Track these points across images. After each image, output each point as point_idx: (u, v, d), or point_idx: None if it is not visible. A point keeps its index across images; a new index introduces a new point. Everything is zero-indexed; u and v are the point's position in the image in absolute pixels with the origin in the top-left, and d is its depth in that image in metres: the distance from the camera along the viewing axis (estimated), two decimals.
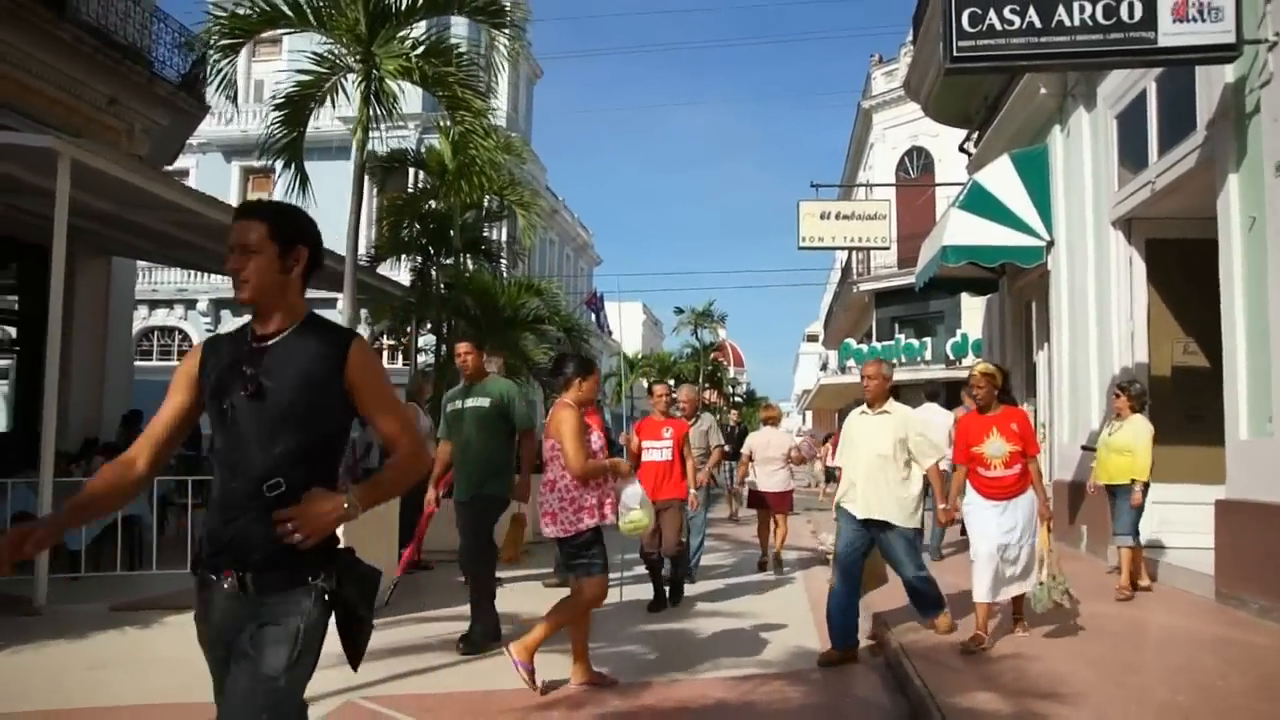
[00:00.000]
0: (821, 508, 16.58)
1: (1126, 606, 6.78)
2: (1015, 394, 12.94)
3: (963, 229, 10.64)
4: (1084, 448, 7.28)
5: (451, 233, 11.23)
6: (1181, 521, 8.05)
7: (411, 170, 13.11)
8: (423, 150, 13.05)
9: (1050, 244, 10.69)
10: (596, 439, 4.89)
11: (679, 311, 41.22)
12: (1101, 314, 9.38)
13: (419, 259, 11.81)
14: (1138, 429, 7.03)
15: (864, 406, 5.82)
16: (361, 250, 13.66)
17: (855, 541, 5.52)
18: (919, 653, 5.24)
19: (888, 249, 14.55)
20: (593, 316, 41.86)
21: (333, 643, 2.27)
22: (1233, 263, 6.73)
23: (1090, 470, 7.72)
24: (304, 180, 10.65)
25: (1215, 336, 7.31)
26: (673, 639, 6.26)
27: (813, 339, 63.85)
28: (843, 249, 21.71)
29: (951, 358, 26.11)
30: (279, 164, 10.50)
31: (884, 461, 5.44)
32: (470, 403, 6.12)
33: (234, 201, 29.13)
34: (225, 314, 30.42)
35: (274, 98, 10.69)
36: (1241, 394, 6.82)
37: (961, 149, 14.78)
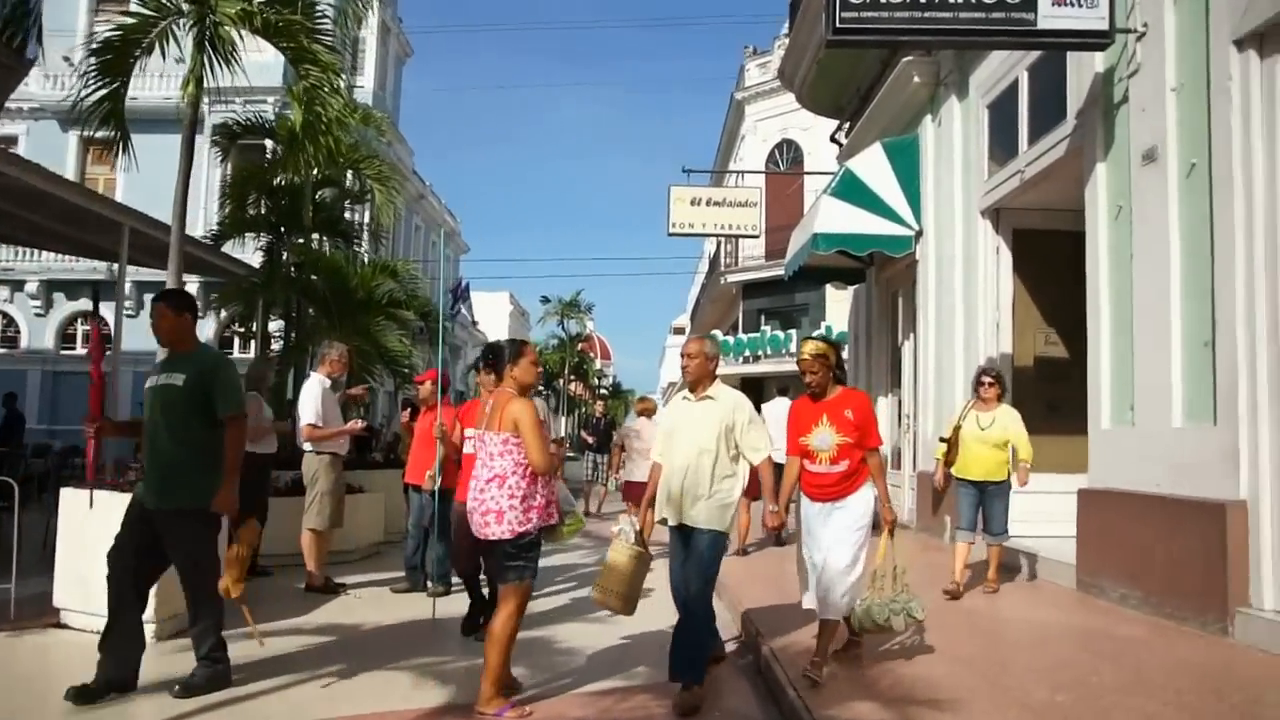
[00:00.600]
0: None
1: (993, 600, 6.68)
2: (879, 384, 13.11)
3: (834, 217, 10.50)
4: (942, 439, 7.14)
5: (303, 210, 10.30)
6: (1042, 512, 8.07)
7: (269, 145, 12.01)
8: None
9: (919, 234, 10.69)
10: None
11: (545, 301, 40.59)
12: (968, 304, 9.38)
13: (269, 238, 10.80)
14: (1013, 417, 6.85)
15: (685, 392, 4.92)
16: (203, 229, 12.54)
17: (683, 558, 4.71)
18: (790, 659, 4.89)
19: (757, 236, 14.40)
20: (458, 306, 40.67)
21: None
22: (1099, 250, 6.71)
23: (936, 462, 7.38)
24: (125, 140, 9.53)
25: (1076, 328, 7.32)
26: (528, 651, 5.73)
27: (679, 332, 64.27)
28: (712, 235, 21.52)
29: None
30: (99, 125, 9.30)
31: (704, 456, 4.57)
32: (161, 380, 4.56)
33: (70, 174, 26.86)
34: (58, 297, 27.81)
35: (90, 43, 9.51)
36: (1104, 383, 6.83)
37: (833, 139, 14.77)
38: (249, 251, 13.26)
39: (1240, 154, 5.30)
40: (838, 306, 27.39)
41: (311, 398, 7.33)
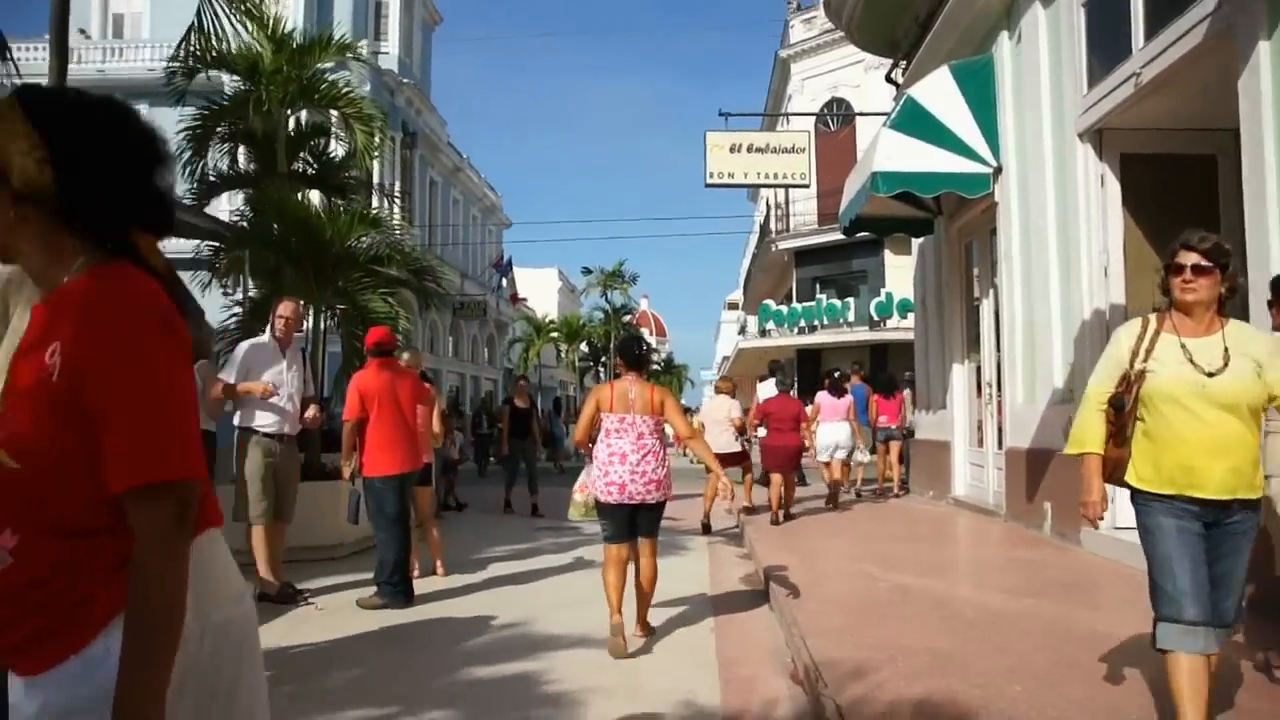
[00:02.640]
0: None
1: None
2: (953, 351, 11.53)
3: (895, 153, 8.94)
4: (1106, 402, 3.77)
5: (277, 154, 9.03)
6: None
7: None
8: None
9: (998, 171, 9.07)
10: None
11: (587, 272, 39.10)
12: (1066, 248, 7.78)
13: (245, 192, 9.62)
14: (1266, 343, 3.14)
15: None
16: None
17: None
18: None
19: (806, 186, 12.79)
20: (500, 280, 39.62)
21: None
22: (1263, 155, 5.08)
23: (1085, 458, 3.52)
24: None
25: None
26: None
27: (733, 307, 62.63)
28: (755, 186, 19.71)
29: (876, 318, 24.78)
30: None
31: None
32: None
33: None
34: None
35: None
36: None
37: (889, 79, 13.11)
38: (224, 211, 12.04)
39: None
40: (897, 273, 25.57)
41: (237, 355, 6.19)
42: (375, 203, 11.01)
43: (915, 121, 8.98)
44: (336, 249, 8.04)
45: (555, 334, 43.92)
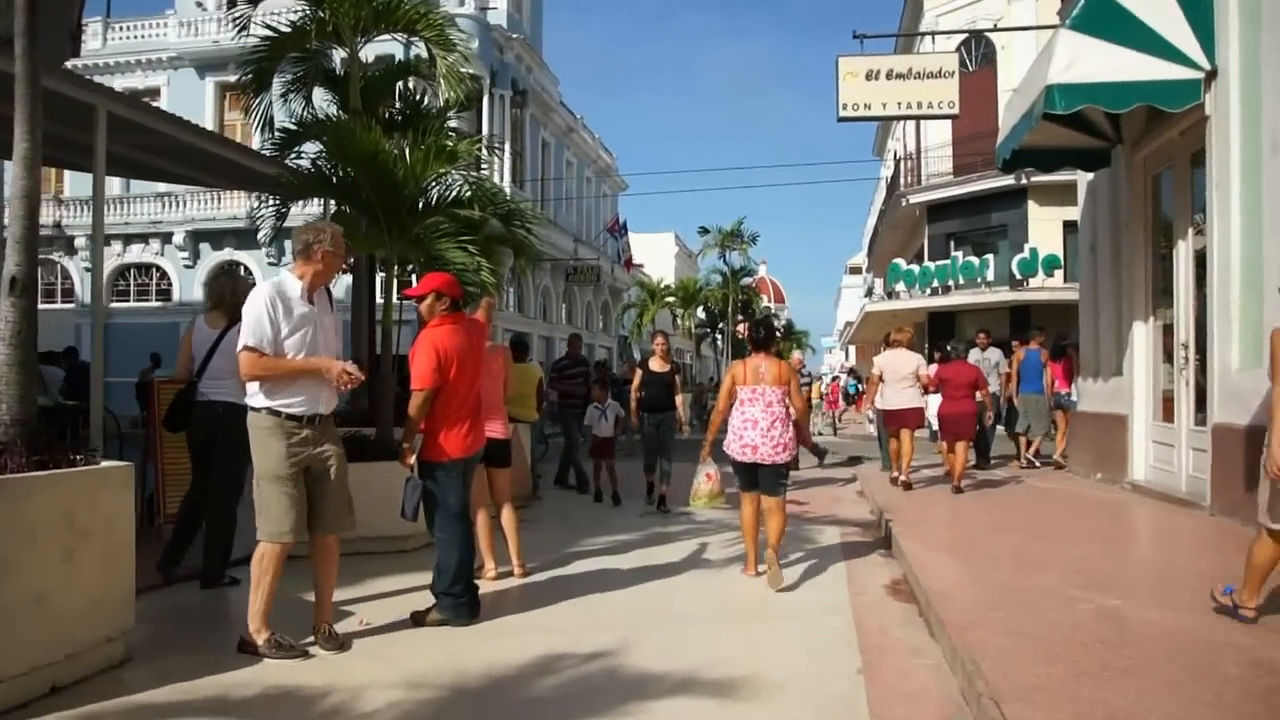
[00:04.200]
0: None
1: None
2: (1134, 306, 9.70)
3: (1078, 59, 7.22)
4: None
5: (350, 90, 7.87)
6: None
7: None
8: None
9: (1211, 75, 7.22)
10: None
11: (704, 232, 37.45)
12: None
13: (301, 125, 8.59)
14: None
15: None
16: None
17: None
18: None
19: (957, 116, 10.97)
20: (615, 243, 38.52)
21: None
22: None
23: None
24: None
25: None
26: None
27: (855, 271, 60.19)
28: (898, 118, 17.47)
29: (1018, 277, 22.46)
30: None
31: None
32: None
33: (209, 123, 26.41)
34: (204, 247, 27.58)
35: None
36: None
37: None
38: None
39: None
40: (1043, 226, 23.12)
41: (256, 309, 4.19)
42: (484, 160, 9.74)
43: (1103, 17, 7.22)
44: (410, 190, 6.89)
45: (671, 299, 42.56)
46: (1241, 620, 4.19)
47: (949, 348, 10.47)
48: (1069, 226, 21.39)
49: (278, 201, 8.39)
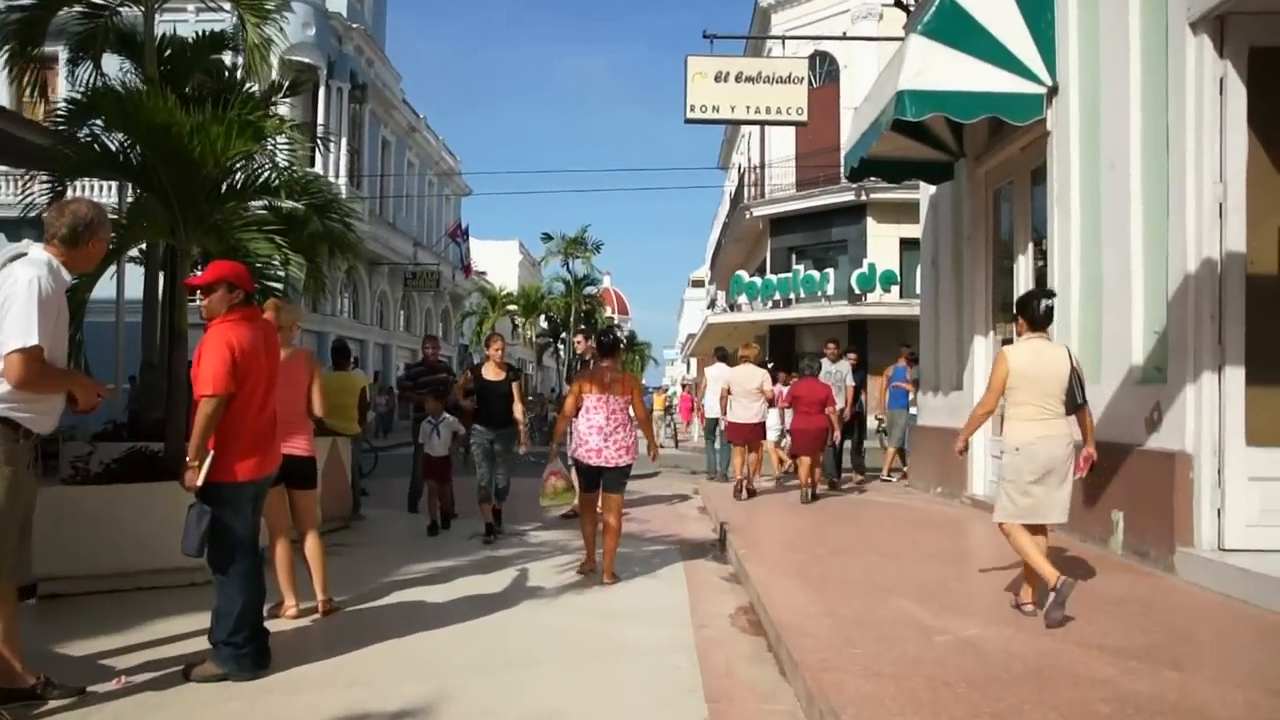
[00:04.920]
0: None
1: None
2: (974, 320, 9.77)
3: (928, 66, 7.09)
4: None
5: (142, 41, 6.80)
6: None
7: None
8: None
9: (1053, 91, 7.24)
10: None
11: (547, 239, 36.68)
12: (1156, 184, 5.95)
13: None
14: None
15: None
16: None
17: None
18: None
19: (806, 123, 10.83)
20: (457, 249, 37.34)
21: None
22: None
23: None
24: None
25: None
26: None
27: (698, 284, 60.93)
28: (746, 122, 17.44)
29: (857, 291, 23.01)
30: None
31: None
32: None
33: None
34: None
35: None
36: None
37: (898, 3, 11.19)
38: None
39: None
40: (881, 243, 23.77)
41: (22, 298, 3.37)
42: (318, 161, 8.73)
43: (953, 26, 7.12)
44: (209, 170, 5.88)
45: (512, 306, 41.64)
46: (1025, 613, 4.63)
47: (802, 365, 10.74)
48: (905, 244, 22.11)
49: (51, 179, 7.20)
